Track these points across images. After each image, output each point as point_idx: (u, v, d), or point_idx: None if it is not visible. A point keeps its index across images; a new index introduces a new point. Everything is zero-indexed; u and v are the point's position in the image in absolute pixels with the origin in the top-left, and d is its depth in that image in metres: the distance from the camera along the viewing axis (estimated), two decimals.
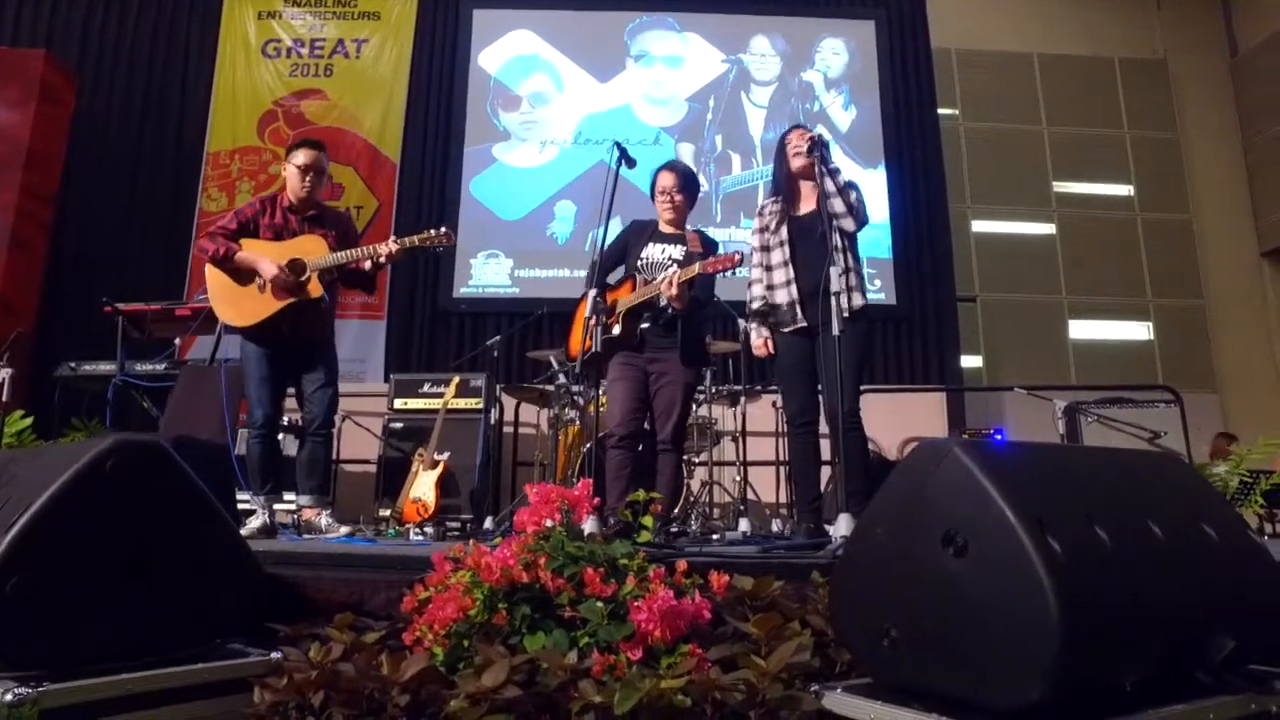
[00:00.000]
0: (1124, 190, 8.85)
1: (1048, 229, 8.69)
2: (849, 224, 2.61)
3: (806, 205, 2.73)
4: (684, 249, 2.76)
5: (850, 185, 2.68)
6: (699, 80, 7.67)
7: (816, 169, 2.49)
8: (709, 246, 2.79)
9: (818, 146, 2.56)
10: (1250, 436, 7.21)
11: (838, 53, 7.88)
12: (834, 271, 2.22)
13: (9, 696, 1.01)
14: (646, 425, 2.69)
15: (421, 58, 7.48)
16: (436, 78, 7.49)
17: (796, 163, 2.71)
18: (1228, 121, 9.23)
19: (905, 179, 7.57)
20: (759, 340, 2.70)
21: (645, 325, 2.63)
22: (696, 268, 2.52)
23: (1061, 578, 0.95)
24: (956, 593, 1.03)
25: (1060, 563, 0.96)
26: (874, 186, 7.43)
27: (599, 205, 2.88)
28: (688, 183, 2.89)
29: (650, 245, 2.78)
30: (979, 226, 8.57)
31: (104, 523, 1.21)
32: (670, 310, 2.57)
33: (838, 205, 2.52)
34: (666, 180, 2.87)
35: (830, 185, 2.53)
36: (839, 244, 2.44)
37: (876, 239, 7.28)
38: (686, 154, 7.48)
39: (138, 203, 7.01)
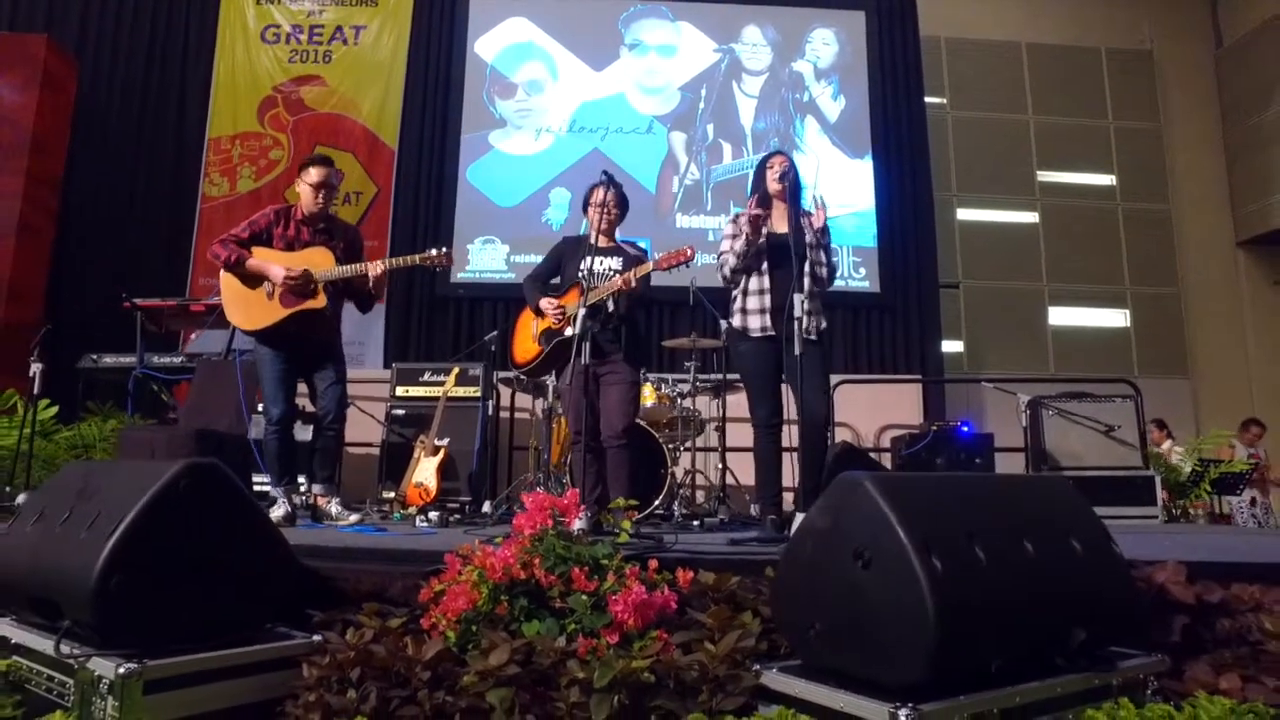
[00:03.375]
0: (1106, 180, 9.05)
1: (1031, 218, 8.90)
2: (820, 285, 2.95)
3: (781, 224, 2.97)
4: (621, 259, 3.06)
5: (825, 247, 2.94)
6: (692, 69, 7.83)
7: (789, 209, 2.75)
8: (641, 250, 3.16)
9: (786, 177, 2.81)
10: (1219, 422, 7.56)
11: (828, 43, 8.03)
12: (798, 298, 2.49)
13: (121, 670, 1.30)
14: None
15: (419, 45, 7.60)
16: (434, 65, 7.61)
17: (774, 186, 2.94)
18: (1210, 113, 9.40)
19: (892, 167, 7.73)
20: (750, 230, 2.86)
21: (595, 330, 2.87)
22: (650, 265, 2.85)
23: (939, 588, 1.24)
24: (863, 597, 1.32)
25: (939, 576, 1.25)
26: (861, 176, 7.65)
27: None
28: (622, 199, 3.16)
29: (588, 258, 3.01)
30: (963, 215, 8.77)
31: (179, 530, 1.49)
32: (617, 312, 2.90)
33: (808, 239, 2.82)
34: (603, 195, 3.10)
35: (803, 225, 2.80)
36: (807, 270, 2.72)
37: (861, 227, 7.51)
38: (678, 143, 7.67)
39: (140, 188, 7.16)
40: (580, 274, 2.89)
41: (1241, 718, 1.26)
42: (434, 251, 3.24)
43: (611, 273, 2.96)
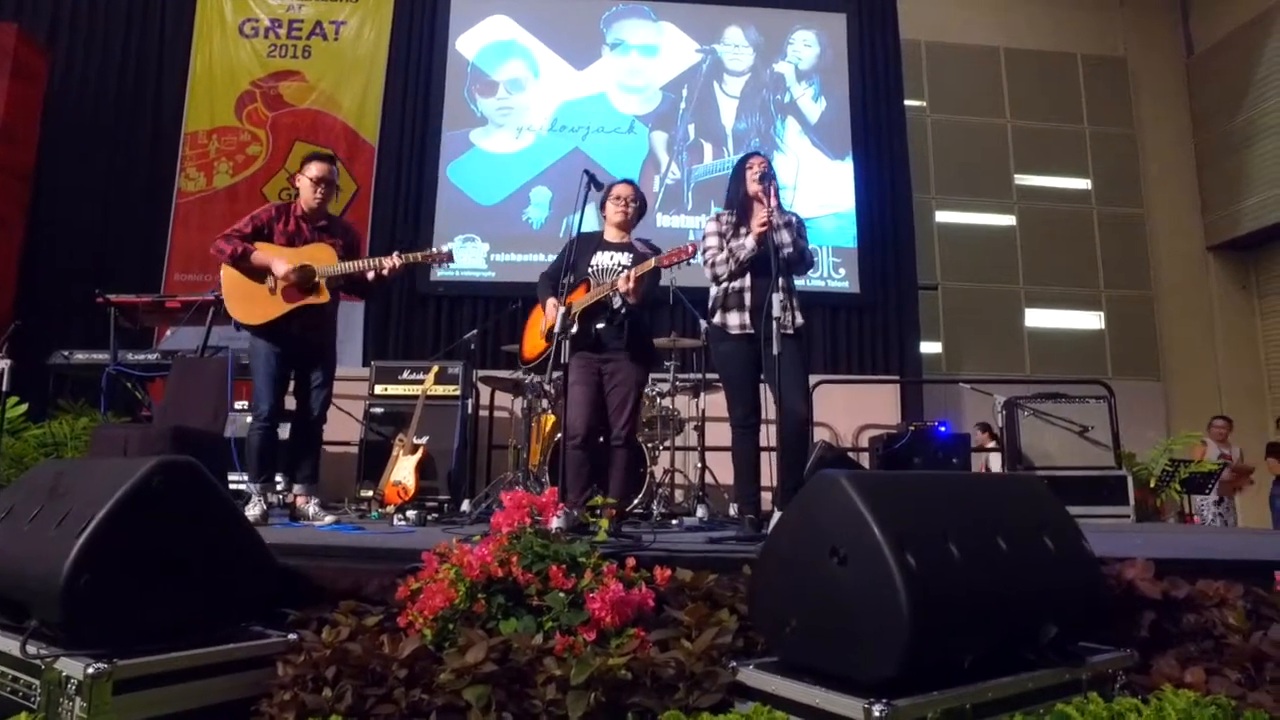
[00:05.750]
0: (1082, 184, 9.19)
1: (1008, 220, 9.02)
2: (798, 269, 2.94)
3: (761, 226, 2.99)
4: (631, 255, 3.03)
5: (800, 235, 2.95)
6: (673, 69, 7.84)
7: (766, 203, 2.76)
8: (655, 249, 3.09)
9: (767, 178, 2.82)
10: (1190, 423, 7.71)
11: (809, 45, 8.07)
12: (776, 298, 2.51)
13: (90, 670, 1.28)
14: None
15: (399, 41, 7.53)
16: (414, 62, 7.56)
17: (753, 187, 2.96)
18: (1181, 119, 9.58)
19: (872, 169, 7.79)
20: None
21: (600, 326, 2.87)
22: (652, 262, 2.80)
23: (914, 585, 1.25)
24: (838, 594, 1.33)
25: (914, 573, 1.26)
26: (841, 177, 7.70)
27: (573, 194, 3.14)
28: (641, 198, 3.17)
29: (599, 254, 3.02)
30: (942, 217, 8.87)
31: (152, 528, 1.46)
32: (624, 308, 2.83)
33: (785, 237, 2.82)
34: (627, 190, 3.13)
35: (778, 220, 2.80)
36: (783, 269, 2.73)
37: (842, 228, 7.57)
38: (660, 142, 7.67)
39: (114, 182, 7.03)
40: (590, 270, 2.89)
41: (1205, 710, 1.29)
42: (436, 249, 3.29)
43: (620, 268, 2.94)
